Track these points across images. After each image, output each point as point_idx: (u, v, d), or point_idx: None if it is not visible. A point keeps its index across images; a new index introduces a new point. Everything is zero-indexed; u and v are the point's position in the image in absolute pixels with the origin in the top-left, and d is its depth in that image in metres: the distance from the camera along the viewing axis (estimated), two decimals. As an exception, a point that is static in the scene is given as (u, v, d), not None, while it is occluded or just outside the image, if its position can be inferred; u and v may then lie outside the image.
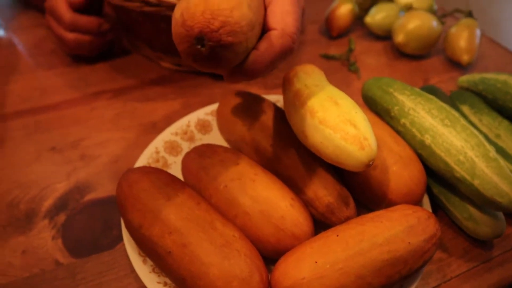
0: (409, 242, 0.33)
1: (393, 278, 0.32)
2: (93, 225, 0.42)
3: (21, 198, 0.44)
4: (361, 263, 0.31)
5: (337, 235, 0.33)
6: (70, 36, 0.57)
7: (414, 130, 0.42)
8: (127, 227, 0.35)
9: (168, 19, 0.50)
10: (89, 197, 0.45)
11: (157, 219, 0.33)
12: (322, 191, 0.38)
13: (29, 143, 0.51)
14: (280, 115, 0.42)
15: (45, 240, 0.41)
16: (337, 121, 0.34)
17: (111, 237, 0.41)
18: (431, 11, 0.73)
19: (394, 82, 0.47)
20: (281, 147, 0.40)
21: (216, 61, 0.27)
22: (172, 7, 0.48)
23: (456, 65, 0.67)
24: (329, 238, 0.33)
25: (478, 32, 0.67)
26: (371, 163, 0.33)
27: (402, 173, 0.39)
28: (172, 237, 0.32)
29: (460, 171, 0.39)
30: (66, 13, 0.55)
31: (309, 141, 0.36)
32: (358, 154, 0.33)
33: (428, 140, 0.41)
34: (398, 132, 0.44)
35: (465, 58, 0.64)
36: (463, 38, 0.65)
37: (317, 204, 0.38)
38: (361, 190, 0.40)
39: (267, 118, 0.42)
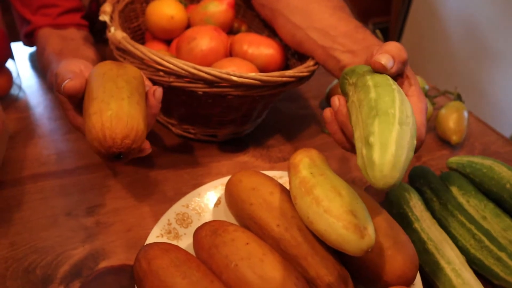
0: (403, 327, 0.36)
1: None
2: (107, 293, 0.44)
3: (37, 263, 0.47)
4: None
5: (338, 318, 0.36)
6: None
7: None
8: (143, 301, 0.38)
9: (189, 93, 0.55)
10: (103, 264, 0.47)
11: (174, 296, 0.36)
12: (323, 270, 0.41)
13: (46, 208, 0.54)
14: (286, 196, 0.46)
15: (60, 307, 0.43)
16: (340, 211, 0.38)
17: (123, 306, 0.43)
18: (424, 91, 0.79)
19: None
20: (286, 228, 0.43)
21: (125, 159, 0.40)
22: (198, 80, 0.52)
23: (446, 143, 0.72)
24: (331, 320, 0.36)
25: (465, 114, 0.72)
26: (369, 250, 0.37)
27: (396, 256, 0.42)
28: (187, 314, 0.35)
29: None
30: (72, 121, 0.49)
31: (314, 226, 0.39)
32: (358, 242, 0.37)
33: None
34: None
35: (454, 138, 0.70)
36: (452, 120, 0.71)
37: (318, 282, 0.41)
38: (359, 270, 0.43)
39: (274, 199, 0.46)
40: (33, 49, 0.84)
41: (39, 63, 0.71)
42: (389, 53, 0.41)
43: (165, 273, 0.37)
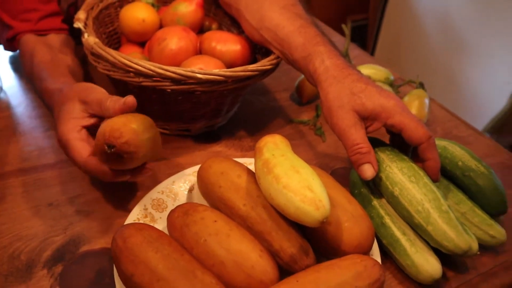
0: (356, 286, 0.40)
1: (343, 317, 0.39)
2: (88, 274, 0.48)
3: (21, 250, 0.50)
4: (316, 305, 0.38)
5: (297, 281, 0.40)
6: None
7: (387, 183, 0.52)
8: (120, 275, 0.41)
9: (159, 91, 0.58)
10: (83, 248, 0.51)
11: (147, 268, 0.39)
12: (286, 243, 0.45)
13: (29, 199, 0.57)
14: (252, 178, 0.50)
15: (44, 287, 0.46)
16: (297, 187, 0.42)
17: (104, 284, 0.47)
18: (389, 81, 0.83)
19: (382, 143, 0.56)
20: (252, 206, 0.47)
21: (118, 160, 0.46)
22: (165, 79, 0.56)
23: (409, 129, 0.77)
24: (290, 283, 0.40)
25: (426, 101, 0.77)
26: (324, 220, 0.41)
27: (353, 228, 0.46)
28: (159, 283, 0.38)
29: (418, 219, 0.49)
30: (77, 158, 0.50)
31: (275, 202, 0.43)
32: (314, 213, 0.41)
33: (396, 191, 0.51)
34: (378, 181, 0.53)
35: (415, 124, 0.74)
36: (414, 106, 0.76)
37: (282, 254, 0.44)
38: (320, 242, 0.47)
39: (241, 181, 0.49)
40: (11, 52, 0.86)
41: (25, 69, 0.73)
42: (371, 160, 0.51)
43: (139, 248, 0.41)
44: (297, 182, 0.42)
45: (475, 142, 0.76)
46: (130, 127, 0.46)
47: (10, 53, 0.87)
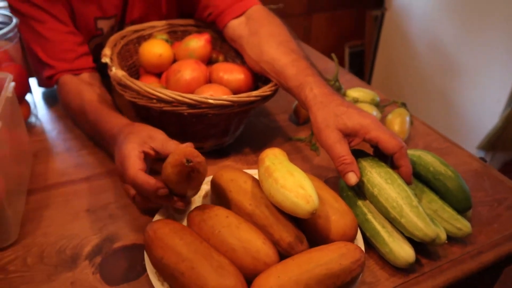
0: (340, 263, 0.50)
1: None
2: (122, 263, 0.58)
3: (66, 246, 0.61)
4: (308, 276, 0.48)
5: (293, 260, 0.50)
6: (130, 192, 0.60)
7: (368, 185, 0.62)
8: (151, 260, 0.52)
9: (177, 115, 0.69)
10: (117, 244, 0.61)
11: (174, 252, 0.50)
12: (285, 234, 0.55)
13: (69, 207, 0.67)
14: (256, 184, 0.60)
15: (87, 275, 0.57)
16: (292, 186, 0.53)
17: (135, 271, 0.57)
18: (374, 102, 0.94)
19: (365, 154, 0.66)
20: (256, 205, 0.57)
21: (187, 176, 0.54)
22: (183, 104, 0.67)
23: (393, 144, 0.87)
24: (287, 262, 0.50)
25: (407, 118, 0.88)
26: (314, 212, 0.51)
27: (339, 221, 0.57)
28: (184, 263, 0.49)
29: (393, 213, 0.59)
30: (131, 169, 0.58)
31: (274, 199, 0.54)
32: (305, 206, 0.51)
33: (376, 192, 0.61)
34: (361, 184, 0.63)
35: (398, 138, 0.85)
36: (397, 123, 0.87)
37: (281, 243, 0.55)
38: (312, 233, 0.57)
39: (247, 186, 0.60)
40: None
41: (70, 104, 0.82)
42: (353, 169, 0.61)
43: (166, 237, 0.51)
44: (291, 182, 0.53)
45: (452, 153, 0.87)
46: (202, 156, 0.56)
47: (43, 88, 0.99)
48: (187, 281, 0.48)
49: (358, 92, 0.94)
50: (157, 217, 0.61)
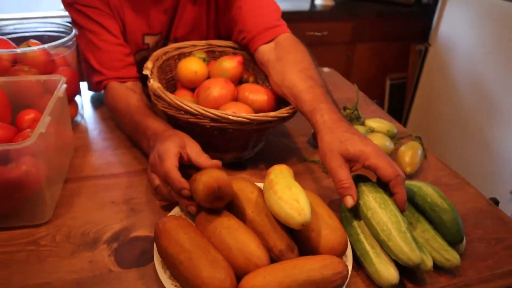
0: (322, 273, 0.55)
1: (310, 293, 0.54)
2: (135, 251, 0.66)
3: (90, 230, 0.69)
4: (291, 280, 0.54)
5: (280, 264, 0.56)
6: (155, 181, 0.70)
7: (364, 208, 0.67)
8: (158, 248, 0.59)
9: (201, 126, 0.78)
10: (133, 234, 0.69)
11: (177, 243, 0.57)
12: (278, 242, 0.61)
13: (97, 197, 0.77)
14: (261, 194, 0.67)
15: (103, 256, 0.65)
16: (288, 199, 0.59)
17: (145, 259, 0.65)
18: (391, 133, 0.99)
19: (367, 179, 0.72)
20: (257, 213, 0.64)
21: (215, 201, 0.63)
22: (206, 118, 0.75)
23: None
24: (275, 265, 0.57)
25: (420, 152, 0.92)
26: (305, 224, 0.57)
27: (329, 236, 0.62)
28: (184, 254, 0.56)
29: (382, 236, 0.64)
30: (167, 163, 0.67)
31: (272, 209, 0.61)
32: (297, 218, 0.57)
33: (369, 214, 0.66)
34: (357, 207, 0.68)
35: (408, 169, 0.89)
36: (408, 155, 0.91)
37: (274, 249, 0.61)
38: (305, 244, 0.63)
39: (253, 196, 0.67)
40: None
41: (116, 107, 0.92)
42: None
43: (173, 230, 0.59)
44: (288, 195, 0.60)
45: (461, 189, 0.89)
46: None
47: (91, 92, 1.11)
48: (185, 270, 0.55)
49: (376, 123, 0.99)
50: (171, 214, 0.69)
